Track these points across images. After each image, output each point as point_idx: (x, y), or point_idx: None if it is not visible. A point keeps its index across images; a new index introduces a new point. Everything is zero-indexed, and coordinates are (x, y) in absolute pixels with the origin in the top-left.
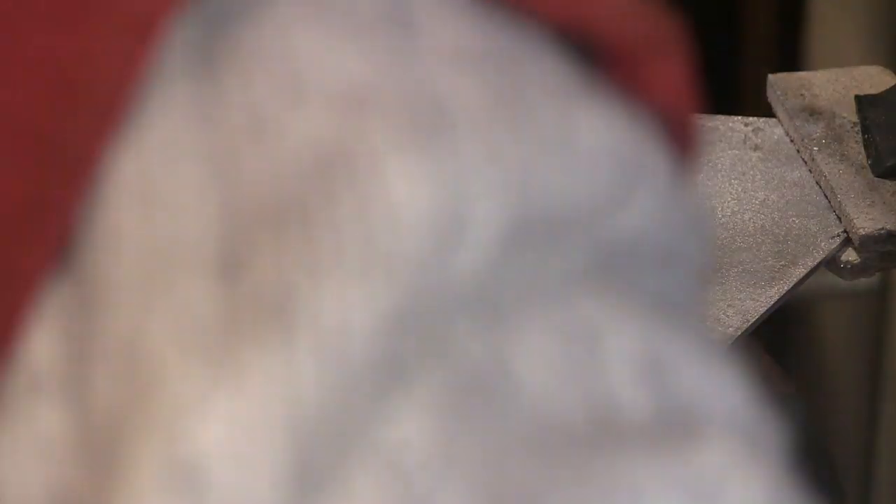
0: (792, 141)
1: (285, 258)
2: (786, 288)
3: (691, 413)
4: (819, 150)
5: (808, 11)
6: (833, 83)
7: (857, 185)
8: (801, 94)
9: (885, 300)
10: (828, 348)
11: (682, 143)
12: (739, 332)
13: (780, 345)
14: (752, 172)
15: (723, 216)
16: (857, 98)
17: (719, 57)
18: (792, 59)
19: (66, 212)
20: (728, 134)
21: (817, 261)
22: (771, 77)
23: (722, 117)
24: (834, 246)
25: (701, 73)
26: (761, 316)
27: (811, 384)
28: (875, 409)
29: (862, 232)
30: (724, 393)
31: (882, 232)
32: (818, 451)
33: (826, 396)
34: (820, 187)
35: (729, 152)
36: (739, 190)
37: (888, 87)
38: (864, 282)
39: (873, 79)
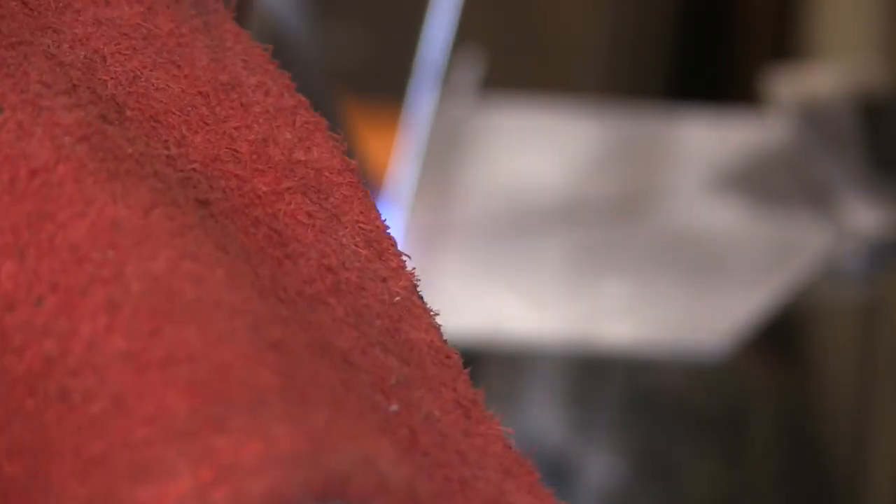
0: (790, 139)
1: None
2: (786, 287)
3: None
4: (818, 149)
5: (808, 6)
6: (832, 80)
7: (856, 184)
8: (801, 91)
9: (883, 300)
10: (827, 349)
11: None
12: (739, 331)
13: (780, 345)
14: (750, 171)
15: (722, 215)
16: (858, 97)
17: (713, 47)
18: (789, 48)
19: None
20: (728, 133)
21: (815, 261)
22: (770, 74)
23: (722, 116)
24: (833, 246)
25: (696, 64)
26: (761, 315)
27: (811, 384)
28: (873, 409)
29: (861, 232)
30: None
31: (881, 232)
32: (816, 451)
33: (825, 397)
34: (819, 186)
35: (728, 151)
36: (739, 188)
37: (888, 85)
38: (863, 281)
39: (873, 76)
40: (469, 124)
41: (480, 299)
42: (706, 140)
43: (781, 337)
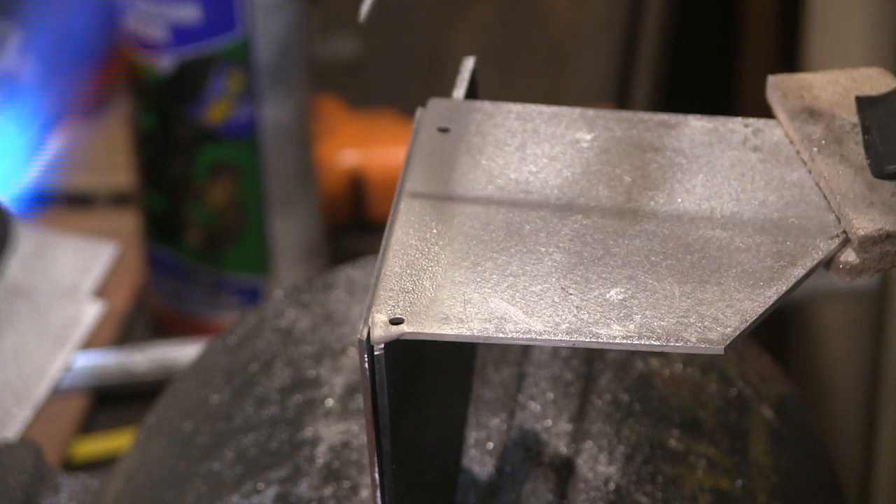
0: (792, 142)
1: None
2: (785, 288)
3: None
4: (819, 151)
5: (809, 12)
6: (833, 84)
7: (856, 186)
8: (802, 96)
9: (884, 301)
10: (827, 348)
11: None
12: (738, 332)
13: (780, 345)
14: (751, 173)
15: (722, 216)
16: (858, 99)
17: (719, 58)
18: (792, 61)
19: None
20: (727, 135)
21: (817, 261)
22: (771, 78)
23: (721, 118)
24: (834, 246)
25: (701, 75)
26: (760, 316)
27: (811, 384)
28: (874, 408)
29: (861, 232)
30: None
31: (882, 232)
32: (817, 451)
33: (826, 397)
34: (819, 188)
35: (728, 153)
36: (739, 190)
37: (888, 88)
38: (863, 282)
39: (874, 81)
40: (466, 130)
41: (479, 301)
42: (707, 143)
43: (782, 336)
